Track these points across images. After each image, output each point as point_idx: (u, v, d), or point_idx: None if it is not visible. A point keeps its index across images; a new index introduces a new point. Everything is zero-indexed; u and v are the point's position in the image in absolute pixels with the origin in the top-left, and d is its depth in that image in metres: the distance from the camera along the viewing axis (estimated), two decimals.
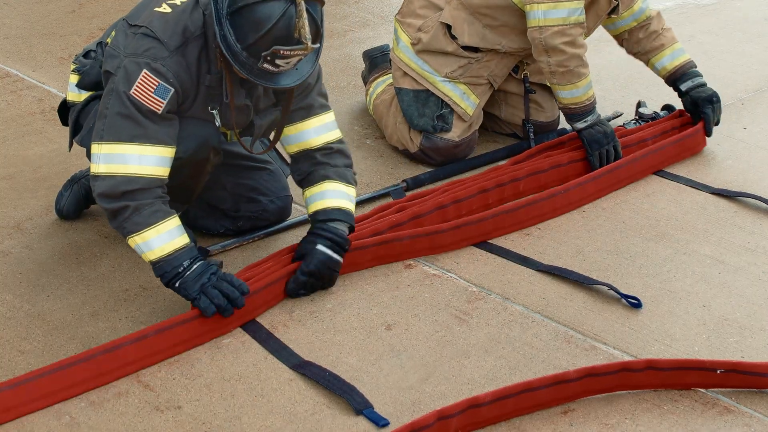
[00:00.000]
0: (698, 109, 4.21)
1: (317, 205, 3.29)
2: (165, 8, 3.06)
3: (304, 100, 3.28)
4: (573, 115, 3.98)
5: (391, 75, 4.37)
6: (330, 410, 2.80)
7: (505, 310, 3.25)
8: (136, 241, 3.01)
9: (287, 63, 2.93)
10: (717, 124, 4.27)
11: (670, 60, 4.24)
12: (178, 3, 3.08)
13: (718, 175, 4.10)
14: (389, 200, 3.82)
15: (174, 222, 3.04)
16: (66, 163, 3.94)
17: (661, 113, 4.41)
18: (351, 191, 3.34)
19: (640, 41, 4.25)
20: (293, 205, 3.77)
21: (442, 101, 4.06)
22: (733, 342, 3.11)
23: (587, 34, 4.16)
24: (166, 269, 3.01)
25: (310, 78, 3.18)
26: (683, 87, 4.24)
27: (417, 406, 2.82)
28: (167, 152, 3.03)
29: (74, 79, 3.36)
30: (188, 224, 3.54)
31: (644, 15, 4.20)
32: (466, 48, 4.04)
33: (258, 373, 2.94)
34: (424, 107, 4.07)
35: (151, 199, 3.01)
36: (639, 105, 4.42)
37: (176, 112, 3.07)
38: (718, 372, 2.88)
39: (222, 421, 2.76)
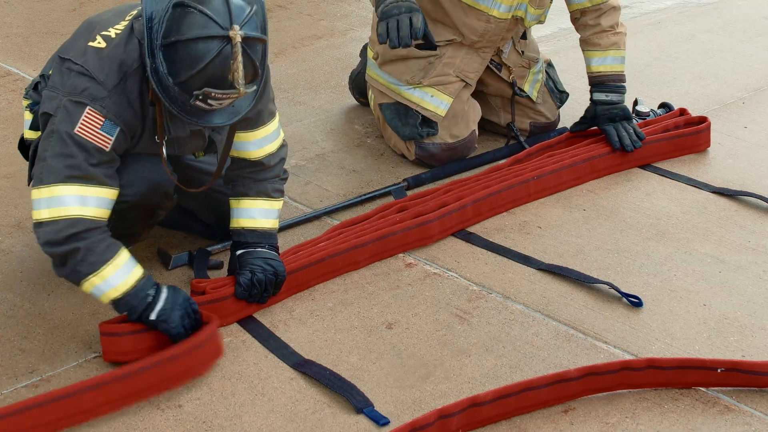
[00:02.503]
0: (598, 124, 4.07)
1: (233, 223, 3.22)
2: (99, 42, 2.90)
3: (253, 110, 3.05)
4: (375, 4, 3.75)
5: None
6: (330, 409, 2.80)
7: (505, 309, 3.25)
8: (94, 282, 2.84)
9: (220, 103, 2.78)
10: (631, 143, 4.04)
11: (597, 63, 4.08)
12: (113, 35, 2.92)
13: (718, 173, 4.09)
14: (390, 199, 3.82)
15: (127, 253, 2.90)
16: None
17: (658, 111, 4.40)
18: (269, 205, 3.22)
19: (586, 27, 4.08)
20: (295, 204, 3.78)
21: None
22: (734, 341, 3.11)
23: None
24: (133, 303, 2.87)
25: (248, 105, 2.96)
26: (595, 96, 4.09)
27: (418, 404, 2.82)
28: (108, 194, 2.88)
29: (29, 116, 3.21)
30: (183, 225, 3.55)
31: None
32: (421, 47, 3.89)
33: (258, 372, 2.94)
34: (406, 117, 4.04)
35: (100, 236, 2.85)
36: (636, 103, 4.41)
37: (122, 153, 2.94)
38: (719, 371, 2.88)
39: (222, 420, 2.76)
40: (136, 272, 2.89)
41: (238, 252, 3.18)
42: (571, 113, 4.48)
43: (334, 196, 3.87)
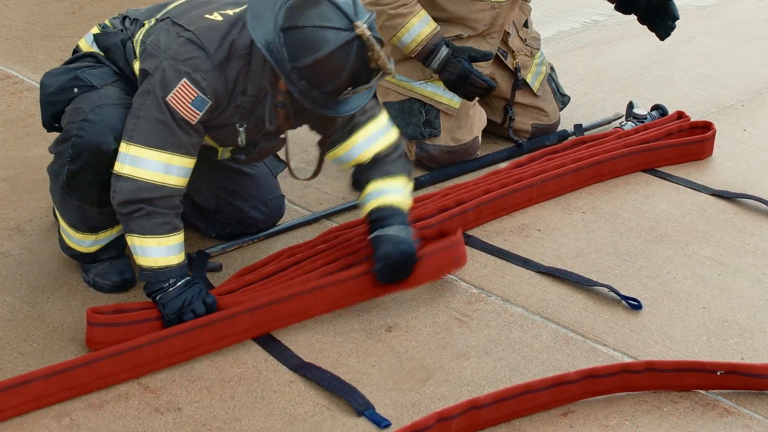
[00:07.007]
0: (650, 18, 4.08)
1: (365, 209, 3.24)
2: (216, 17, 2.97)
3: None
4: (422, 59, 3.90)
5: None
6: (330, 412, 2.80)
7: (505, 312, 3.25)
8: (133, 240, 2.99)
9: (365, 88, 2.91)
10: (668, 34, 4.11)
11: None
12: (231, 13, 2.99)
13: (717, 176, 4.10)
14: None
15: (177, 239, 3.01)
16: None
17: (653, 113, 4.39)
18: (394, 183, 3.23)
19: None
20: (294, 207, 3.78)
21: (426, 106, 4.03)
22: (733, 343, 3.11)
23: None
24: (152, 279, 3.01)
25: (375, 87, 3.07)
26: None
27: (417, 407, 2.82)
28: (191, 163, 2.99)
29: (96, 30, 3.22)
30: (191, 221, 3.55)
31: None
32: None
33: (258, 375, 2.94)
34: (410, 116, 4.05)
35: (166, 209, 2.97)
36: (631, 106, 4.40)
37: (205, 122, 3.02)
38: (718, 373, 2.88)
39: (222, 423, 2.76)
40: (171, 259, 3.00)
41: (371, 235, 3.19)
42: (570, 117, 4.49)
43: (333, 198, 3.87)
